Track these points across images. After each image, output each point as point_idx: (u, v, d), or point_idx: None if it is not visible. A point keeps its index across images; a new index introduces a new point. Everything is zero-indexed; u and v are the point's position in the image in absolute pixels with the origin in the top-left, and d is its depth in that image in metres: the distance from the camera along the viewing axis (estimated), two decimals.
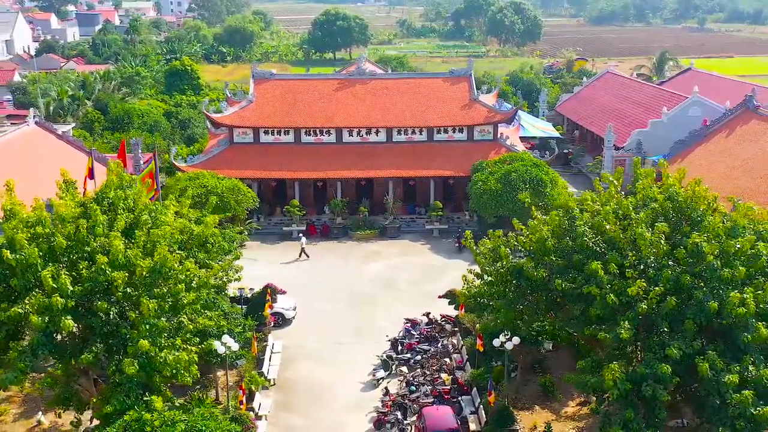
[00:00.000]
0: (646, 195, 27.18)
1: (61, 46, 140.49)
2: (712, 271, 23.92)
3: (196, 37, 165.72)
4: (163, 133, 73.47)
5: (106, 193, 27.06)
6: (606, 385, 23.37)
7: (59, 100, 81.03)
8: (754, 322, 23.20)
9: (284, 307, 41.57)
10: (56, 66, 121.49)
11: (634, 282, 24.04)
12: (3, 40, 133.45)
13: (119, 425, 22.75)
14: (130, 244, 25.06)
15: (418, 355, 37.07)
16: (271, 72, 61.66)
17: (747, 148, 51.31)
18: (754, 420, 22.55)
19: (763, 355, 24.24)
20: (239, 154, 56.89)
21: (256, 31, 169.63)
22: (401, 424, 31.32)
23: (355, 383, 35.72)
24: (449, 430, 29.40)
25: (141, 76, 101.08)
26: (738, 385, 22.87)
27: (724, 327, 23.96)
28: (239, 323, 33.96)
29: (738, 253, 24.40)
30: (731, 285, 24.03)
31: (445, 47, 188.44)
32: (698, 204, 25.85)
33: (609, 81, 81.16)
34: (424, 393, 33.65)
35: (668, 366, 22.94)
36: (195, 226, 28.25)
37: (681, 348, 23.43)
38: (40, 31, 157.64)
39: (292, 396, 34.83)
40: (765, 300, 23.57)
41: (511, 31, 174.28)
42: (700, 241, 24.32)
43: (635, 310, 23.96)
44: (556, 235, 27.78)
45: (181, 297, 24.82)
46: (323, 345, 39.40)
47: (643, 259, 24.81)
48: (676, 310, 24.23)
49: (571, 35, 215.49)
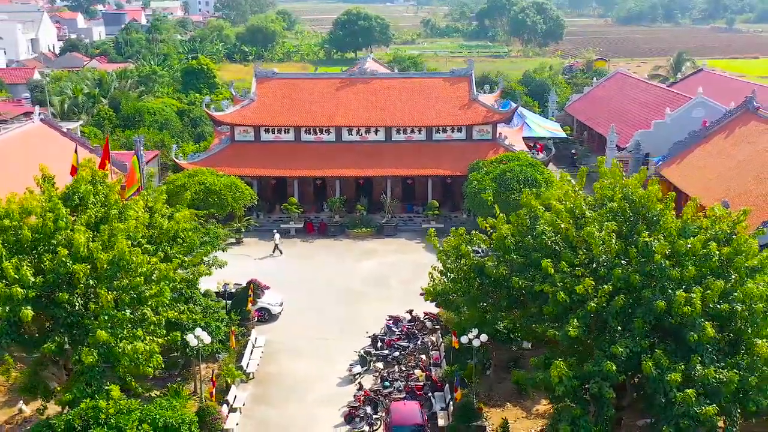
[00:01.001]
0: (604, 194, 27.34)
1: (85, 45, 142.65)
2: (661, 271, 24.08)
3: (219, 36, 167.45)
4: (172, 130, 74.54)
5: (77, 188, 27.78)
6: (552, 382, 23.61)
7: (74, 97, 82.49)
8: (702, 322, 23.28)
9: (270, 303, 42.20)
10: (79, 64, 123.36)
11: (585, 280, 24.22)
12: (28, 39, 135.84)
13: (75, 413, 23.48)
14: (96, 237, 25.77)
15: (396, 351, 37.50)
16: (273, 71, 62.36)
17: (743, 150, 50.97)
18: (697, 418, 22.67)
19: (716, 353, 24.42)
20: (240, 152, 57.68)
21: (278, 31, 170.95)
22: (370, 418, 31.75)
23: (332, 378, 36.22)
24: (414, 425, 29.79)
25: (158, 74, 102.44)
26: (684, 384, 23.04)
27: (674, 326, 24.09)
28: (217, 317, 34.57)
29: (689, 252, 24.49)
30: (681, 284, 24.15)
31: (468, 47, 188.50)
32: (652, 204, 25.95)
33: (619, 82, 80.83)
34: (397, 389, 34.08)
35: (613, 364, 23.14)
36: (164, 221, 28.88)
37: (628, 346, 23.63)
38: (66, 31, 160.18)
39: (270, 389, 35.43)
40: (713, 300, 23.63)
41: (533, 31, 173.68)
42: (650, 240, 24.49)
43: (585, 308, 24.18)
44: (519, 234, 28.07)
45: (143, 289, 25.49)
46: (307, 340, 39.94)
47: (595, 258, 25.00)
48: (627, 308, 24.44)
49: (596, 35, 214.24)
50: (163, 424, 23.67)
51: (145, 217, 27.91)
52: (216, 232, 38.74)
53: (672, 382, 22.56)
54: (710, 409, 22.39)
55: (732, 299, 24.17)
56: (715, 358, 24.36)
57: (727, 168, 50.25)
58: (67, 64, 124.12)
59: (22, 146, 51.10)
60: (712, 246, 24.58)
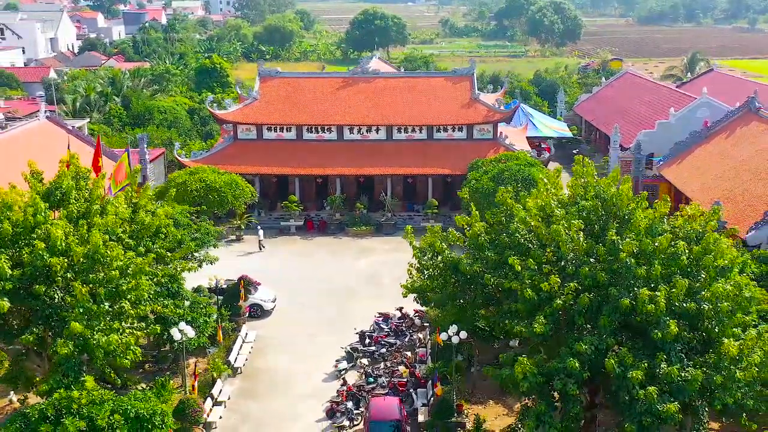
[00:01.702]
0: (576, 193, 27.47)
1: (103, 44, 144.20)
2: (627, 269, 24.19)
3: (236, 35, 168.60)
4: (181, 129, 75.39)
5: (60, 183, 28.35)
6: (516, 378, 23.82)
7: (86, 96, 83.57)
8: (667, 320, 23.36)
9: (263, 299, 42.67)
10: (97, 63, 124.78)
11: (551, 278, 24.39)
12: (47, 38, 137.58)
13: (48, 403, 23.99)
14: (75, 231, 26.33)
15: (383, 348, 37.81)
16: (276, 70, 62.91)
17: (743, 150, 50.71)
18: (659, 416, 22.76)
19: (687, 352, 24.51)
20: (242, 150, 58.26)
21: (295, 30, 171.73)
22: (351, 413, 32.09)
23: (319, 374, 36.61)
24: (392, 420, 30.08)
25: (171, 73, 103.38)
26: (649, 382, 23.14)
27: (641, 324, 24.19)
28: (205, 312, 35.04)
29: (656, 251, 24.57)
30: (648, 282, 24.23)
31: (486, 47, 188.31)
32: (623, 202, 26.04)
33: (627, 81, 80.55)
34: (380, 385, 34.42)
35: (576, 361, 23.29)
36: (146, 217, 29.38)
37: (593, 344, 23.76)
38: (86, 30, 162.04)
39: (256, 384, 35.89)
40: (679, 298, 23.69)
41: (551, 30, 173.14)
42: (617, 238, 24.61)
43: (552, 305, 24.35)
44: (495, 232, 28.28)
45: (120, 283, 25.99)
46: (297, 336, 40.35)
47: (563, 256, 25.16)
48: (594, 306, 24.57)
49: (615, 35, 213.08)
50: (134, 414, 24.07)
51: (125, 212, 28.40)
52: (207, 229, 39.27)
53: (634, 380, 22.66)
54: (671, 407, 22.47)
55: (699, 298, 24.24)
56: (683, 357, 24.45)
57: (726, 168, 50.02)
58: (85, 63, 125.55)
59: (26, 143, 51.96)
60: (680, 245, 24.64)
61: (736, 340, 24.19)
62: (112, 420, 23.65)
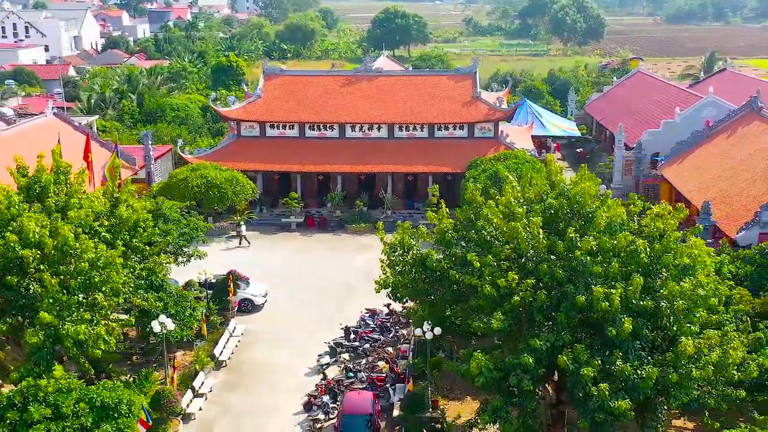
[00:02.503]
0: (541, 190, 27.62)
1: (126, 42, 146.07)
2: (584, 266, 24.31)
3: (258, 34, 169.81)
4: (191, 126, 76.33)
5: (39, 177, 29.07)
6: (471, 373, 24.06)
7: (101, 93, 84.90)
8: (622, 317, 23.45)
9: (254, 294, 43.23)
10: (119, 61, 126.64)
11: (508, 274, 24.60)
12: (71, 36, 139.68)
13: (16, 390, 24.68)
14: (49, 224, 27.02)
15: (366, 343, 38.18)
16: (281, 68, 63.59)
17: (742, 150, 50.35)
18: (612, 412, 22.87)
19: (649, 350, 24.61)
20: (245, 147, 58.94)
21: (317, 29, 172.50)
22: (327, 407, 32.52)
23: (302, 368, 37.08)
24: (364, 414, 30.45)
25: (187, 71, 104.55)
26: (604, 379, 23.29)
27: (598, 321, 24.31)
28: (190, 306, 35.64)
29: (615, 249, 24.66)
30: (606, 280, 24.33)
31: (508, 46, 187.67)
32: (585, 200, 26.14)
33: (638, 81, 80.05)
34: (360, 379, 34.81)
35: (530, 357, 23.48)
36: (124, 211, 29.99)
37: (549, 340, 23.93)
38: (110, 28, 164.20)
39: (239, 377, 36.45)
40: (635, 296, 23.75)
41: (573, 29, 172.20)
42: (575, 236, 24.74)
43: (511, 301, 24.55)
44: (465, 228, 28.51)
45: (92, 275, 26.63)
46: (286, 331, 40.85)
47: (523, 253, 25.33)
48: (554, 303, 24.72)
49: (640, 34, 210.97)
50: (100, 403, 24.70)
51: (99, 206, 29.02)
52: (196, 224, 39.92)
53: (586, 377, 22.78)
54: (623, 404, 22.56)
55: (658, 296, 24.30)
56: (643, 354, 24.55)
57: (724, 168, 49.72)
58: (108, 60, 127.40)
59: (32, 138, 53.03)
60: (639, 243, 24.70)
61: (695, 338, 24.28)
62: (77, 408, 24.28)
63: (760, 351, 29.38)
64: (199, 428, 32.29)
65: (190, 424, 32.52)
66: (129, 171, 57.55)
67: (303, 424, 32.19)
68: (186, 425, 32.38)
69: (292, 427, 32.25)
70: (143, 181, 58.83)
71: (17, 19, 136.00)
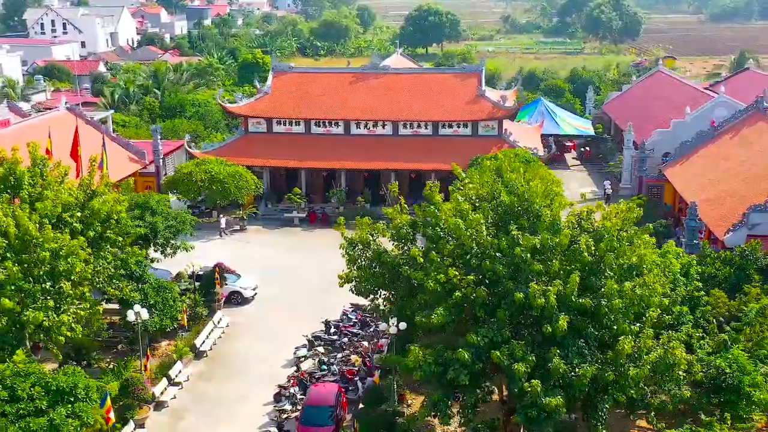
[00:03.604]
0: (494, 189, 27.87)
1: (161, 38, 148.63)
2: (524, 263, 24.54)
3: (293, 31, 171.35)
4: (209, 121, 77.63)
5: (14, 169, 30.18)
6: (408, 367, 24.48)
7: (125, 89, 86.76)
8: (558, 315, 23.64)
9: (243, 287, 44.08)
10: (153, 58, 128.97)
11: (449, 270, 24.95)
12: (107, 33, 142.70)
13: None
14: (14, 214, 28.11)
15: (345, 337, 38.72)
16: (289, 65, 64.47)
17: (743, 151, 49.74)
18: (544, 409, 23.09)
19: (593, 347, 24.79)
20: (251, 143, 59.91)
21: (350, 26, 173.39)
22: (294, 398, 33.15)
23: (280, 360, 37.78)
24: (327, 406, 31.03)
25: (214, 67, 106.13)
26: (541, 376, 23.55)
27: (537, 318, 24.53)
28: (171, 297, 36.60)
29: (557, 247, 24.83)
30: (549, 278, 24.53)
31: (544, 44, 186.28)
32: (534, 198, 26.35)
33: (657, 80, 79.16)
34: (332, 372, 35.37)
35: (465, 351, 23.80)
36: (96, 203, 30.97)
37: (487, 336, 24.22)
38: (148, 25, 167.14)
39: (217, 367, 37.31)
40: (572, 294, 23.90)
41: (608, 27, 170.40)
42: (517, 233, 24.97)
43: (453, 297, 24.89)
44: (424, 225, 28.90)
45: (56, 264, 27.64)
46: (271, 323, 41.57)
47: (468, 249, 25.63)
48: (497, 299, 25.00)
49: (679, 33, 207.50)
50: (55, 387, 25.64)
51: (69, 197, 30.01)
52: (184, 218, 40.86)
53: (518, 373, 23.06)
54: (553, 400, 22.80)
55: (599, 295, 24.43)
56: (587, 352, 24.72)
57: (723, 169, 49.19)
58: (142, 57, 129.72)
59: (41, 131, 54.51)
60: (582, 241, 24.85)
61: (635, 337, 24.38)
62: (33, 391, 25.26)
63: (721, 353, 29.39)
64: (171, 415, 33.19)
65: (162, 411, 33.44)
66: (138, 165, 59.04)
67: (270, 414, 32.88)
68: (158, 412, 33.30)
69: (260, 417, 32.98)
70: (152, 174, 60.35)
71: (55, 16, 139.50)
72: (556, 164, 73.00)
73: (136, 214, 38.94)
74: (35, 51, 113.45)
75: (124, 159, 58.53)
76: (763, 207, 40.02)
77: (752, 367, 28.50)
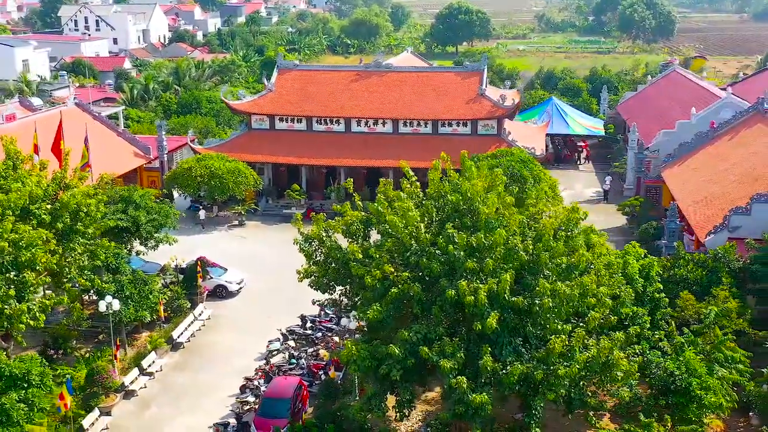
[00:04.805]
0: (440, 188, 28.14)
1: (191, 36, 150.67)
2: (458, 261, 24.78)
3: (323, 29, 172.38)
4: (222, 118, 78.74)
5: None
6: (342, 360, 24.89)
7: (144, 85, 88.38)
8: (489, 312, 23.84)
9: (228, 280, 44.85)
10: (182, 54, 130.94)
11: (384, 266, 25.29)
12: (139, 30, 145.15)
13: None
14: None
15: (319, 332, 39.23)
16: (294, 63, 65.17)
17: (738, 152, 49.08)
18: (470, 405, 23.33)
19: (533, 345, 25.00)
20: (254, 140, 60.74)
21: (381, 24, 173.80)
22: (258, 390, 33.75)
23: (254, 353, 38.41)
24: (284, 398, 31.55)
25: (236, 65, 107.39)
26: (470, 373, 23.83)
27: (471, 315, 24.76)
28: (147, 289, 37.48)
29: (492, 245, 25.01)
30: (483, 276, 24.75)
31: (577, 43, 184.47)
32: (475, 197, 26.56)
33: (672, 80, 78.13)
34: (300, 366, 35.91)
35: (396, 347, 24.14)
36: (64, 195, 31.89)
37: (420, 332, 24.52)
38: (182, 22, 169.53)
39: (192, 358, 38.10)
40: (504, 292, 24.07)
41: (642, 26, 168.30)
42: (453, 232, 25.23)
43: (390, 293, 25.24)
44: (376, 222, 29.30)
45: (18, 255, 28.58)
46: (253, 317, 42.26)
47: (408, 247, 25.95)
48: (434, 296, 25.29)
49: (720, 32, 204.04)
50: (9, 373, 26.60)
51: (35, 189, 30.94)
52: (167, 212, 41.74)
53: (444, 369, 23.33)
54: (477, 397, 23.05)
55: (533, 294, 24.58)
56: (524, 351, 24.91)
57: (717, 171, 48.61)
58: (172, 54, 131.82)
59: (45, 126, 55.89)
60: (516, 240, 25.02)
61: (568, 336, 24.49)
62: None
63: (672, 356, 29.33)
64: (138, 404, 34.04)
65: (131, 400, 34.32)
66: (143, 160, 60.28)
67: (232, 405, 33.53)
68: (127, 401, 34.19)
69: (223, 408, 33.64)
70: (158, 170, 61.55)
71: (89, 13, 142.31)
72: (566, 164, 72.79)
73: (119, 208, 40.04)
74: (65, 47, 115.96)
75: (130, 154, 59.80)
76: (744, 210, 39.54)
77: (704, 370, 28.38)
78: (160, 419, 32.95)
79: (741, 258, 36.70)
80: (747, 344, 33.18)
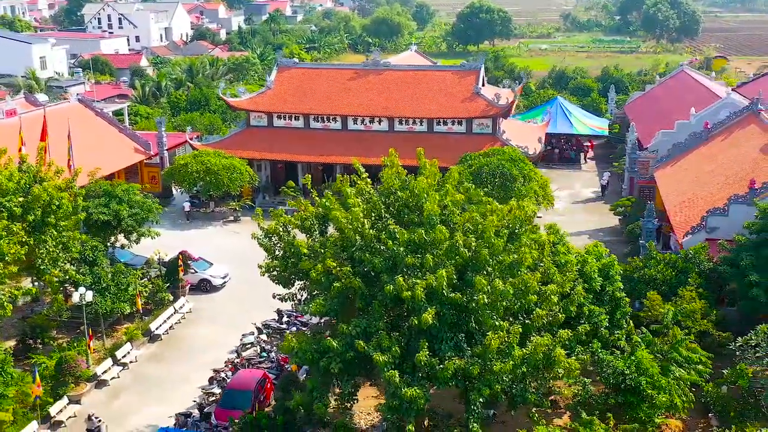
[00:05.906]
0: (391, 185, 28.44)
1: (212, 34, 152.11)
2: (399, 258, 25.08)
3: (345, 27, 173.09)
4: (228, 115, 79.64)
5: None
6: (282, 352, 25.31)
7: (157, 82, 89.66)
8: (426, 308, 24.09)
9: (212, 275, 45.53)
10: (203, 52, 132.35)
11: (327, 261, 25.69)
12: (161, 28, 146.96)
13: None
14: None
15: (294, 326, 39.72)
16: (294, 61, 65.73)
17: (728, 153, 48.68)
18: (403, 399, 23.61)
19: (479, 341, 25.23)
20: (252, 137, 61.45)
21: (402, 22, 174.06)
22: (224, 382, 34.33)
23: (229, 346, 39.00)
24: (246, 390, 32.10)
25: (250, 63, 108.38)
26: (407, 367, 24.14)
27: (410, 310, 25.04)
28: (125, 281, 38.29)
29: (434, 242, 25.26)
30: (424, 272, 25.01)
31: (602, 42, 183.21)
32: (421, 194, 26.84)
33: (680, 80, 77.45)
34: (270, 359, 36.44)
35: (334, 341, 24.53)
36: (36, 189, 32.71)
37: (360, 326, 24.86)
38: (206, 20, 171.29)
39: (168, 350, 38.81)
40: (441, 288, 24.31)
41: (665, 26, 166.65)
42: (395, 228, 25.53)
43: (334, 287, 25.62)
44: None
45: None
46: (233, 311, 42.87)
47: (352, 242, 26.29)
48: (376, 291, 25.61)
49: (742, 32, 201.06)
50: None
51: (10, 184, 31.79)
52: (149, 206, 42.51)
53: (378, 363, 23.66)
54: (409, 391, 23.31)
55: (473, 290, 24.78)
56: (465, 346, 25.13)
57: (705, 172, 48.28)
58: (193, 52, 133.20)
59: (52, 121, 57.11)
60: (457, 237, 25.25)
61: (503, 333, 24.67)
62: None
63: (625, 355, 29.39)
64: (109, 393, 34.82)
65: (103, 389, 35.11)
66: (143, 155, 61.26)
67: (199, 397, 34.15)
68: (99, 390, 34.98)
69: (190, 399, 34.24)
70: (158, 165, 62.52)
71: (111, 11, 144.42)
72: (568, 164, 72.56)
73: (101, 202, 40.90)
74: (85, 44, 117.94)
75: (130, 150, 60.83)
76: (722, 211, 39.30)
77: (656, 369, 28.38)
78: (127, 409, 33.63)
79: (712, 259, 36.52)
80: (711, 345, 33.11)
